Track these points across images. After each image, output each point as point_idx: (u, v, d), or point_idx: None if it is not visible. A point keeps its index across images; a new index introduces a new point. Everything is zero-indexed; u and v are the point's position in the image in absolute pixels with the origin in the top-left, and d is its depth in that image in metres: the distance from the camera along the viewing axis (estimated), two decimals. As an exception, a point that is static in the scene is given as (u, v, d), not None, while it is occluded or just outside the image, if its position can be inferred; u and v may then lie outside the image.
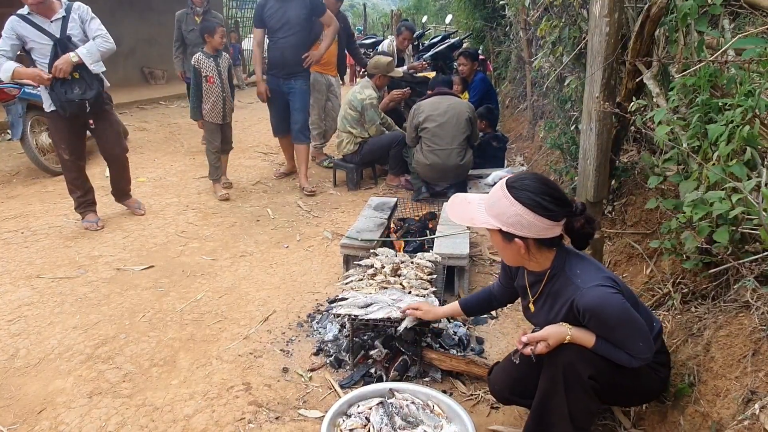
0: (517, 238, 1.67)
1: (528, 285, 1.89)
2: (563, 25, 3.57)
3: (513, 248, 1.71)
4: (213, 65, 4.80)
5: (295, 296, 3.23)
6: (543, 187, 1.66)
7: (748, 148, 1.82)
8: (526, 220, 1.64)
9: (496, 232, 1.71)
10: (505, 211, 1.65)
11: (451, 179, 4.82)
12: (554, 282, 1.77)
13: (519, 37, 6.76)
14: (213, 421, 2.21)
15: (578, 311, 1.66)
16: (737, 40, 1.91)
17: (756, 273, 1.88)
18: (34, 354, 2.67)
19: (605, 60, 2.39)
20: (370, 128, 5.23)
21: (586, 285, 1.66)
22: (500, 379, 2.03)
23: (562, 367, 1.67)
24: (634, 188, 3.17)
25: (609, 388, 1.74)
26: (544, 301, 1.83)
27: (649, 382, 1.82)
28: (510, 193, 1.65)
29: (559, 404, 1.69)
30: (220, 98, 4.90)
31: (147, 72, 12.59)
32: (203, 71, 4.79)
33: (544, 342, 1.69)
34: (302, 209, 4.83)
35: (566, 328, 1.70)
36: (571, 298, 1.68)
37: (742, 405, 1.65)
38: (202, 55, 4.79)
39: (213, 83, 4.81)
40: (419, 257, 3.02)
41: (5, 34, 3.72)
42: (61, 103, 3.79)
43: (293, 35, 4.95)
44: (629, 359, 1.69)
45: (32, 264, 3.67)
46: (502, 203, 1.66)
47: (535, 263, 1.77)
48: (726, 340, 1.92)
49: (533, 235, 1.66)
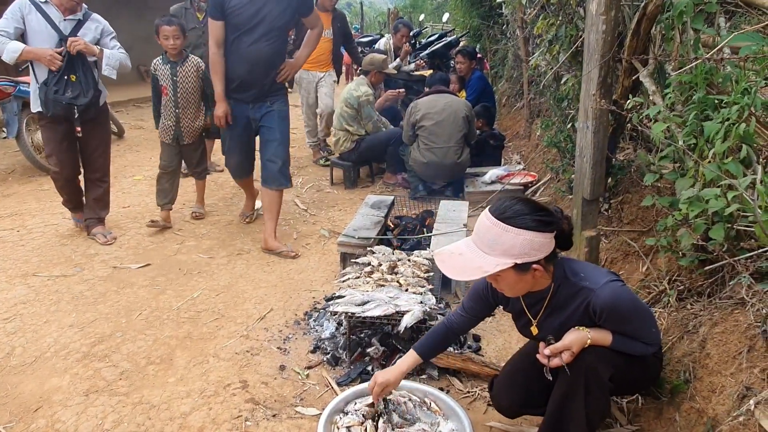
0: (534, 264, 1.62)
1: (526, 308, 1.84)
2: (560, 23, 3.57)
3: (527, 277, 1.65)
4: (168, 73, 3.97)
5: (292, 294, 3.23)
6: (532, 205, 1.64)
7: (744, 146, 1.83)
8: (537, 243, 1.59)
9: (508, 272, 1.62)
10: (514, 243, 1.58)
11: (448, 177, 4.83)
12: (559, 294, 1.74)
13: (516, 36, 6.76)
14: (210, 419, 2.20)
15: (594, 312, 1.66)
16: (733, 38, 1.92)
17: (751, 270, 1.89)
18: (30, 352, 2.66)
19: (602, 58, 2.40)
20: (367, 125, 5.23)
21: (597, 284, 1.66)
22: (508, 395, 1.93)
23: (584, 372, 1.65)
24: (630, 186, 3.18)
25: (623, 384, 1.76)
26: (549, 315, 1.79)
27: (655, 369, 1.86)
28: (509, 224, 1.59)
29: (578, 408, 1.67)
30: (172, 115, 4.04)
31: (143, 70, 12.51)
32: (159, 79, 4.00)
33: (568, 351, 1.67)
34: (299, 207, 4.83)
35: (585, 332, 1.68)
36: (585, 302, 1.67)
37: (737, 401, 1.66)
38: (159, 60, 4.00)
39: (166, 95, 4.01)
40: (416, 255, 3.02)
41: (9, 15, 3.46)
42: (47, 100, 3.53)
43: (269, 43, 3.51)
44: (644, 347, 1.71)
45: (28, 262, 3.65)
46: (505, 238, 1.59)
47: (537, 283, 1.73)
48: (721, 337, 1.93)
49: (545, 254, 1.63)
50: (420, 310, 2.39)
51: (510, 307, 1.93)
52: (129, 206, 4.79)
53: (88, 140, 3.86)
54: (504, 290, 1.74)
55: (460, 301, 3.12)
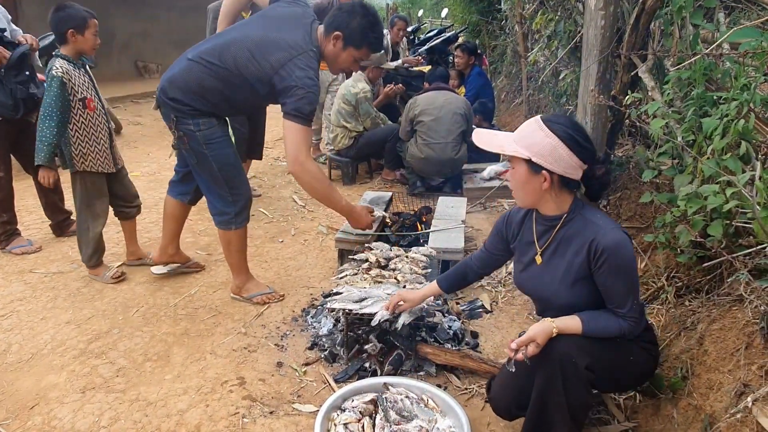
0: (545, 170, 1.68)
1: (536, 237, 1.87)
2: (559, 18, 3.56)
3: (536, 182, 1.71)
4: (88, 80, 3.14)
5: (289, 291, 3.22)
6: (577, 125, 1.73)
7: (743, 142, 1.82)
8: (558, 154, 1.66)
9: (521, 164, 1.71)
10: (539, 142, 1.66)
11: (445, 173, 4.82)
12: (570, 225, 1.77)
13: (515, 31, 6.75)
14: (207, 416, 2.20)
15: (596, 252, 1.67)
16: (733, 33, 1.91)
17: (750, 267, 1.88)
18: (26, 349, 2.66)
19: (600, 53, 2.39)
20: (365, 121, 5.21)
21: (608, 226, 1.69)
22: (503, 396, 1.93)
23: (559, 362, 1.65)
24: (629, 182, 3.17)
25: (605, 374, 1.73)
26: (554, 249, 1.81)
27: (642, 361, 1.82)
28: (545, 125, 1.68)
29: (559, 401, 1.66)
30: (105, 132, 3.20)
31: (141, 66, 12.50)
32: (77, 90, 3.04)
33: (533, 342, 1.68)
34: (297, 203, 4.82)
35: (550, 322, 1.70)
36: (590, 238, 1.69)
37: (734, 398, 1.66)
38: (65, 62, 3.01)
39: (94, 110, 3.13)
40: (414, 251, 3.02)
41: None
42: (16, 100, 3.32)
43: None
44: (619, 326, 1.69)
45: (25, 259, 3.64)
46: (536, 135, 1.68)
47: (553, 204, 1.77)
48: (719, 334, 1.92)
49: (561, 170, 1.68)
50: (417, 307, 2.38)
51: (519, 240, 1.95)
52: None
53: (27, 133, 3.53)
54: (514, 189, 1.80)
55: (457, 297, 3.12)
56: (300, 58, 2.54)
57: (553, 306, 1.82)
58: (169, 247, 3.26)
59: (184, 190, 3.13)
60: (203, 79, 2.62)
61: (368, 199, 3.95)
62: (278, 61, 2.54)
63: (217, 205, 2.86)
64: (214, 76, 2.61)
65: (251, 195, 2.97)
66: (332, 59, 2.74)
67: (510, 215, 2.02)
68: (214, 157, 2.73)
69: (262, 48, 2.57)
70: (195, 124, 2.66)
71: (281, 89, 2.56)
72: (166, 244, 3.25)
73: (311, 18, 2.71)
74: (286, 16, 2.71)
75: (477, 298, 3.09)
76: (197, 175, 2.84)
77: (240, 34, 2.67)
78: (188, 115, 2.65)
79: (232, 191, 2.82)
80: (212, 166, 2.74)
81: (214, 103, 2.67)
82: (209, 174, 2.77)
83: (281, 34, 2.60)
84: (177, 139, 2.74)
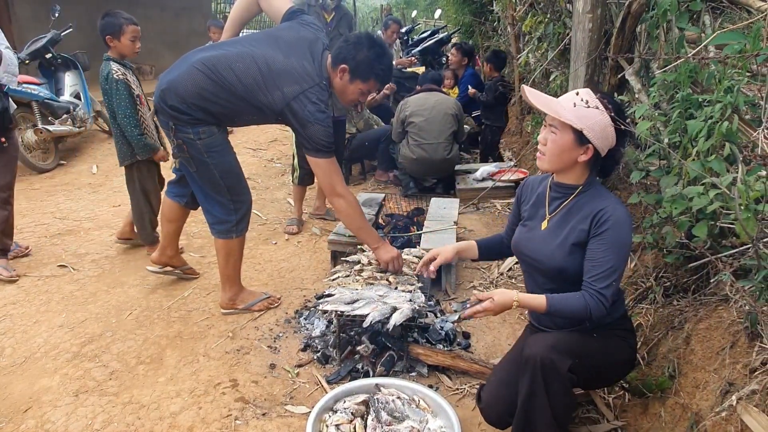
0: (591, 145, 1.71)
1: (548, 203, 1.91)
2: (548, 20, 3.59)
3: (576, 153, 1.74)
4: (135, 79, 3.55)
5: (282, 292, 3.24)
6: (621, 109, 1.77)
7: (727, 144, 1.85)
8: (607, 132, 1.71)
9: (569, 133, 1.72)
10: (593, 116, 1.69)
11: (437, 173, 4.84)
12: (581, 197, 1.81)
13: (507, 32, 6.77)
14: (200, 418, 2.21)
15: (600, 219, 1.72)
16: (717, 36, 1.93)
17: (734, 267, 1.91)
18: (19, 353, 2.66)
19: (588, 56, 2.42)
20: (358, 123, 5.23)
21: (618, 203, 1.76)
22: (495, 404, 1.92)
23: (540, 367, 1.65)
24: (617, 183, 3.19)
25: (587, 371, 1.74)
26: (562, 217, 1.85)
27: (621, 351, 1.84)
28: (602, 102, 1.71)
29: (542, 405, 1.67)
30: (153, 125, 3.59)
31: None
32: (132, 88, 3.42)
33: (489, 299, 1.75)
34: (291, 205, 4.83)
35: (513, 292, 1.75)
36: (598, 208, 1.74)
37: (720, 397, 1.68)
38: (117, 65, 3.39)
39: (144, 105, 3.52)
40: (406, 252, 3.03)
41: None
42: None
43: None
44: (585, 304, 1.68)
45: (18, 262, 3.64)
46: (593, 112, 1.70)
47: (574, 174, 1.81)
48: (705, 333, 1.95)
49: (603, 147, 1.73)
50: (409, 308, 2.39)
51: (531, 204, 1.98)
52: (120, 205, 4.77)
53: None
54: (548, 153, 1.79)
55: (450, 298, 3.14)
56: (311, 92, 2.53)
57: (540, 268, 1.87)
58: (168, 249, 3.26)
59: (181, 192, 3.12)
60: (204, 89, 2.55)
61: (361, 200, 3.97)
62: (291, 92, 2.53)
63: (216, 213, 2.80)
64: (215, 87, 2.55)
65: (252, 201, 2.94)
66: (340, 92, 2.72)
67: (528, 181, 2.08)
68: (216, 164, 2.68)
69: (274, 74, 2.54)
70: (195, 133, 2.61)
71: (297, 122, 2.58)
72: (165, 245, 3.26)
73: (322, 47, 2.68)
74: (298, 41, 2.66)
75: (468, 298, 3.10)
76: (194, 183, 2.79)
77: (249, 50, 2.60)
78: (187, 124, 2.60)
79: (234, 198, 2.79)
80: (214, 173, 2.70)
81: (214, 113, 2.63)
82: (210, 182, 2.73)
83: (292, 61, 2.56)
84: (176, 147, 2.69)
